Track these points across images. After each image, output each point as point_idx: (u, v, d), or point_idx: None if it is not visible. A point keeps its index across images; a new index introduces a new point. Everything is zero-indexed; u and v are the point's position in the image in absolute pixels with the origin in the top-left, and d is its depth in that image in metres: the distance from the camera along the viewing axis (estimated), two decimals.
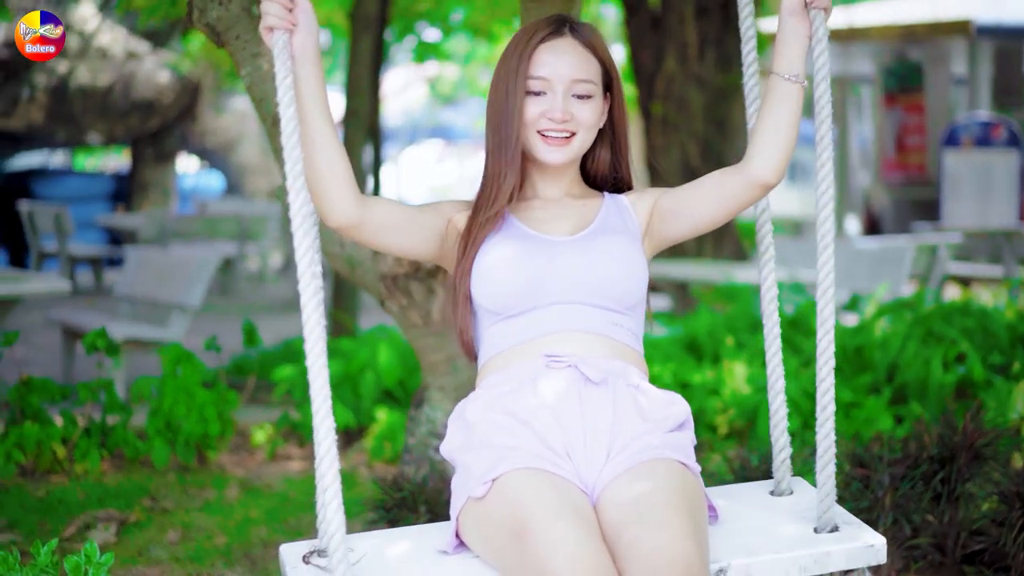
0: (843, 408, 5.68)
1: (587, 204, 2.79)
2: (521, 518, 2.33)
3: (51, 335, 10.55)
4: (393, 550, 2.69)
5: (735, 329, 6.60)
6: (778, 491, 2.98)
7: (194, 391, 5.87)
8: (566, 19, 2.72)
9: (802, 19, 2.56)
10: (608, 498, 2.44)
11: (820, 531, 2.70)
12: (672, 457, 2.52)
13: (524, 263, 2.63)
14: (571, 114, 2.66)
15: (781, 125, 2.58)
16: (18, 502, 5.14)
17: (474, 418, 2.61)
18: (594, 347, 2.61)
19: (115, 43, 17.35)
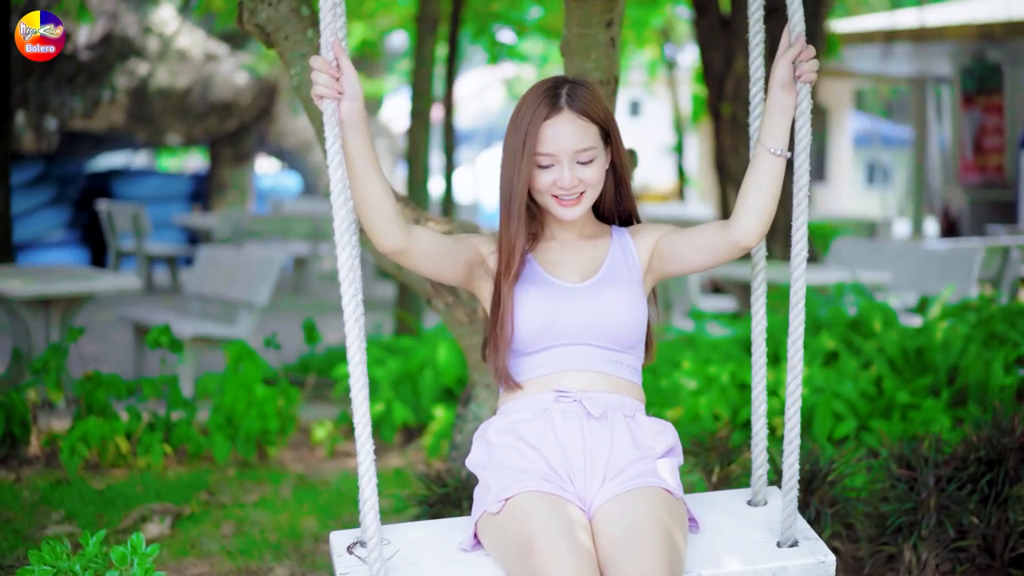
0: (900, 410, 5.64)
1: (597, 245, 3.11)
2: (528, 536, 2.70)
3: (124, 332, 10.73)
4: (422, 543, 2.99)
5: None
6: (755, 501, 3.23)
7: (254, 388, 5.96)
8: (561, 90, 2.95)
9: (790, 92, 2.82)
10: (601, 518, 2.82)
11: (782, 545, 2.99)
12: (658, 485, 2.86)
13: (542, 309, 2.98)
14: (578, 179, 2.95)
15: (764, 193, 2.85)
16: (78, 495, 5.24)
17: (495, 440, 2.99)
18: (597, 383, 2.98)
19: (194, 45, 17.58)
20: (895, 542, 4.01)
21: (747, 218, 2.86)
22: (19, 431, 5.89)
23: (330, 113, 2.67)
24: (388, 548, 2.92)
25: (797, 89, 2.81)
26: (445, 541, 3.01)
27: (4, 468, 5.74)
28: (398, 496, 4.96)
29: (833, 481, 4.01)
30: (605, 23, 3.66)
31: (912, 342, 6.12)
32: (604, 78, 3.79)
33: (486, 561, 2.89)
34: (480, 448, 3.03)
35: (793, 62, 2.81)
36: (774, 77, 2.82)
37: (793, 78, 2.80)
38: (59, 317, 7.60)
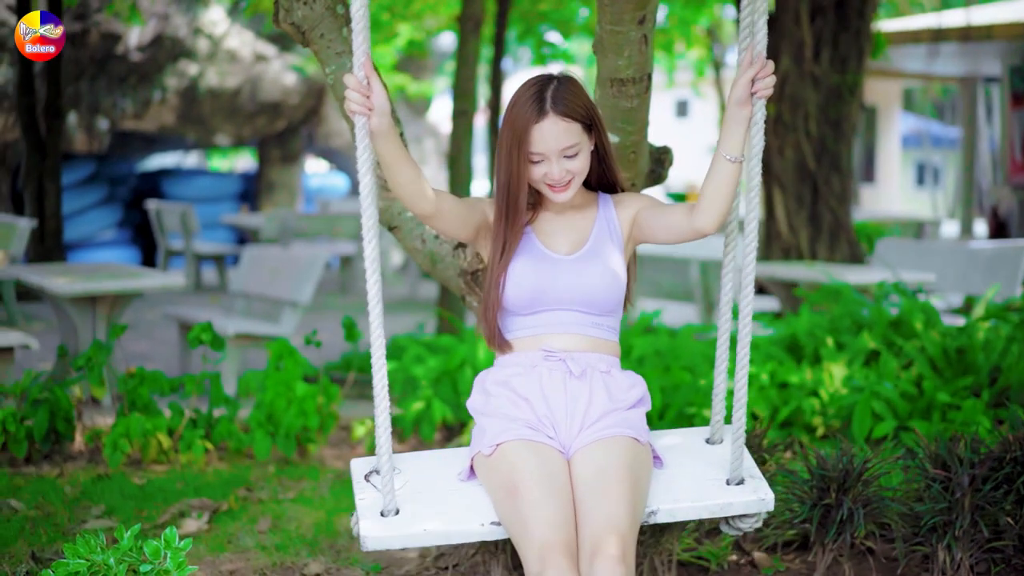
0: (940, 410, 5.61)
1: (585, 216, 3.54)
2: (514, 480, 3.18)
3: (171, 330, 10.82)
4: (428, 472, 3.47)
5: (837, 330, 6.54)
6: (712, 440, 3.65)
7: (295, 385, 6.00)
8: (546, 93, 3.33)
9: (746, 106, 3.15)
10: (577, 462, 3.29)
11: (731, 483, 3.40)
12: (626, 434, 3.32)
13: (535, 278, 3.43)
14: (566, 170, 3.37)
15: (721, 192, 3.26)
16: (119, 490, 5.29)
17: (491, 390, 3.46)
18: (580, 344, 3.45)
19: (243, 46, 17.69)
20: (929, 542, 3.98)
21: (707, 211, 3.28)
22: (63, 427, 5.95)
23: (361, 126, 3.04)
24: (399, 477, 3.38)
25: (753, 103, 3.14)
26: (448, 470, 3.46)
27: (48, 463, 5.81)
28: None
29: (867, 481, 3.99)
30: (638, 20, 3.66)
31: (954, 342, 6.08)
32: (637, 75, 3.79)
33: (480, 491, 3.36)
34: (479, 395, 3.49)
35: (753, 80, 3.13)
36: (732, 93, 3.15)
37: (750, 95, 3.13)
38: (105, 315, 7.68)
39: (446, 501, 3.34)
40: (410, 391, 6.68)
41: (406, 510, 3.27)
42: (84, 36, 15.90)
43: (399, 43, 14.98)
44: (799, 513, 4.01)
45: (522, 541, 3.11)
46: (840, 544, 3.99)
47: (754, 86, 3.12)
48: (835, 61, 10.30)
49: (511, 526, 3.17)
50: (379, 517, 3.24)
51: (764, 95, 3.12)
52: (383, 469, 3.20)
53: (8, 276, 10.08)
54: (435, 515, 3.27)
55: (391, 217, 4.21)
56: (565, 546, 3.07)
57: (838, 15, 10.22)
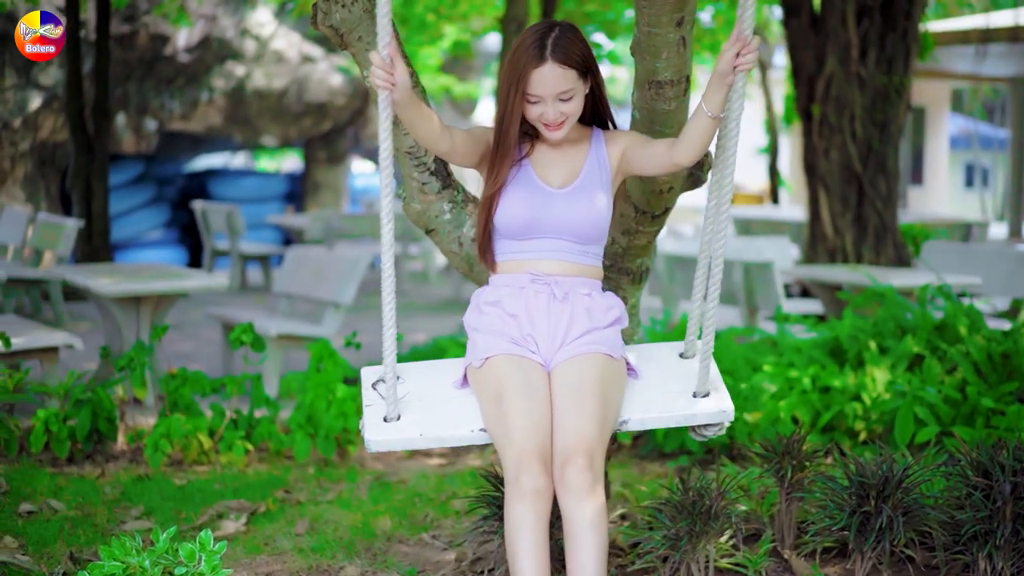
0: (984, 415, 5.54)
1: (579, 150, 3.82)
2: (499, 390, 3.53)
3: (214, 330, 10.86)
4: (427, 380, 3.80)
5: (880, 334, 6.47)
6: (685, 355, 3.90)
7: (335, 387, 6.00)
8: (547, 40, 3.61)
9: (728, 77, 3.38)
10: (555, 376, 3.62)
11: (697, 396, 3.68)
12: (600, 351, 3.64)
13: (528, 207, 3.73)
14: (560, 112, 3.66)
15: (699, 139, 3.54)
16: (159, 490, 5.31)
17: (483, 308, 3.78)
18: (566, 269, 3.76)
19: (290, 47, 17.75)
20: (970, 551, 3.93)
21: (685, 150, 3.56)
22: (105, 427, 5.99)
23: (384, 98, 3.37)
24: (403, 386, 3.70)
25: (735, 75, 3.37)
26: (446, 378, 3.78)
27: (90, 463, 5.84)
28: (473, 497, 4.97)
29: (908, 488, 3.94)
30: (675, 22, 3.63)
31: (999, 347, 6.00)
32: (675, 77, 3.76)
33: (472, 399, 3.68)
34: (473, 311, 3.81)
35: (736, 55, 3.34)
36: (718, 65, 3.37)
37: (732, 68, 3.35)
38: (149, 315, 7.72)
39: (442, 408, 3.67)
40: None
41: (406, 416, 3.62)
42: (132, 37, 16.02)
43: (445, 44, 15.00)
44: (838, 520, 3.97)
45: (503, 446, 3.46)
46: (879, 552, 3.94)
47: (737, 60, 3.34)
48: (881, 62, 10.22)
49: (494, 432, 3.52)
50: (382, 423, 3.59)
51: (743, 69, 3.37)
52: (387, 379, 3.54)
53: (55, 276, 10.16)
54: (431, 421, 3.61)
55: (428, 220, 4.20)
56: (539, 452, 3.42)
57: (885, 16, 10.13)
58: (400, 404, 3.64)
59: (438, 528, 4.87)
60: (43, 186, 15.76)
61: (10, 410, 5.97)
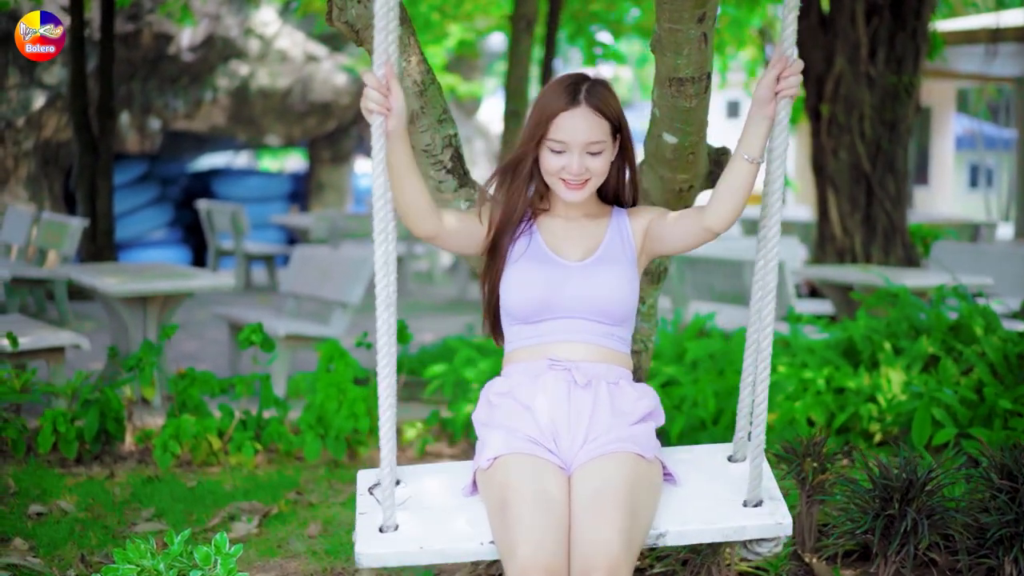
0: (1002, 417, 5.49)
1: (598, 225, 3.42)
2: (506, 498, 3.01)
3: (221, 330, 10.82)
4: (433, 487, 3.32)
5: (894, 335, 6.42)
6: (734, 458, 3.40)
7: (346, 387, 5.96)
8: (582, 86, 3.25)
9: (769, 105, 3.01)
10: (576, 479, 3.11)
11: (748, 504, 3.17)
12: (630, 450, 3.13)
13: (543, 285, 3.30)
14: (585, 168, 3.26)
15: (735, 192, 3.13)
16: (169, 492, 5.27)
17: (494, 400, 3.32)
18: (588, 353, 3.30)
19: (294, 46, 17.71)
20: (995, 555, 3.88)
21: (719, 211, 3.15)
22: (113, 427, 5.94)
23: (378, 126, 2.95)
24: (404, 491, 3.25)
25: (777, 102, 3.01)
26: (454, 484, 3.30)
27: (98, 464, 5.79)
28: None
29: (931, 491, 3.89)
30: (697, 18, 3.57)
31: (1015, 348, 5.96)
32: (696, 75, 3.71)
33: (482, 507, 3.18)
34: (483, 406, 3.35)
35: (778, 78, 2.99)
36: (756, 91, 3.03)
37: (773, 94, 2.99)
38: (156, 315, 7.68)
39: (447, 517, 3.20)
40: (461, 394, 6.62)
41: (406, 526, 3.15)
42: (136, 36, 15.97)
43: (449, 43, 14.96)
44: (861, 523, 3.92)
45: (506, 560, 2.96)
46: (903, 556, 3.89)
47: (778, 84, 2.99)
48: (891, 61, 10.17)
49: (499, 544, 3.02)
50: (377, 533, 3.14)
51: (788, 95, 2.99)
52: (384, 482, 3.07)
53: (60, 276, 10.12)
54: (434, 532, 3.14)
55: None
56: (548, 570, 2.89)
57: (894, 15, 10.08)
58: (399, 512, 3.17)
59: None
60: (46, 185, 15.71)
61: (17, 410, 5.93)
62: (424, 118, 3.95)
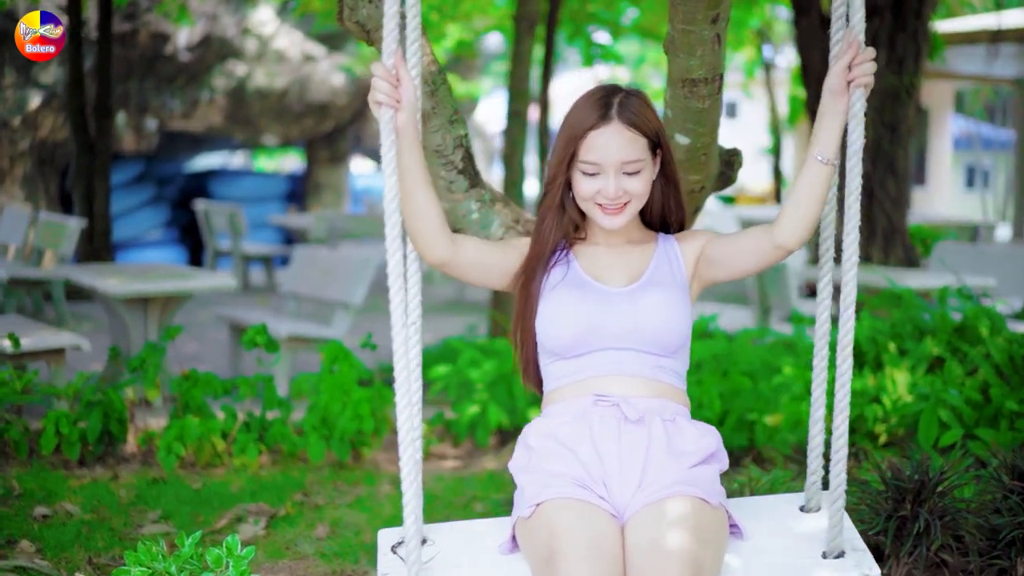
0: (1008, 418, 5.48)
1: (643, 251, 3.09)
2: (552, 547, 2.65)
3: (221, 331, 10.79)
4: (464, 544, 2.97)
5: (898, 336, 6.41)
6: (807, 507, 3.11)
7: (350, 388, 5.94)
8: (613, 99, 2.94)
9: (842, 96, 2.77)
10: (631, 528, 2.74)
11: (828, 556, 2.87)
12: (692, 495, 2.76)
13: (583, 312, 2.95)
14: (623, 190, 2.93)
15: (810, 200, 2.84)
16: (174, 494, 5.25)
17: (534, 444, 2.96)
18: (638, 388, 2.94)
19: (292, 46, 17.69)
20: (1007, 556, 3.87)
21: (792, 223, 2.86)
22: (116, 429, 5.92)
23: (387, 121, 2.73)
24: (430, 548, 2.93)
25: (851, 93, 2.76)
26: (486, 541, 2.97)
27: (102, 466, 5.77)
28: (494, 500, 4.92)
29: (943, 492, 3.88)
30: (711, 19, 3.56)
31: (1020, 349, 5.94)
32: (709, 76, 3.69)
33: (523, 567, 2.85)
34: (521, 452, 3.01)
35: (848, 67, 2.76)
36: (827, 82, 2.79)
37: (845, 83, 2.76)
38: (157, 316, 7.66)
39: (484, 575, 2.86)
40: (465, 394, 6.61)
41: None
42: (133, 36, 15.94)
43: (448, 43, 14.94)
44: (872, 524, 3.91)
45: None
46: (916, 557, 3.88)
47: (851, 73, 2.74)
48: (892, 62, 10.15)
49: None
50: None
51: (862, 83, 2.74)
52: (409, 541, 2.75)
53: (58, 276, 10.08)
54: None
55: (455, 220, 4.12)
56: None
57: (895, 15, 10.07)
58: (425, 572, 2.83)
59: None
60: (42, 185, 15.68)
61: (18, 412, 5.90)
62: (435, 118, 3.93)
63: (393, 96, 2.74)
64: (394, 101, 2.74)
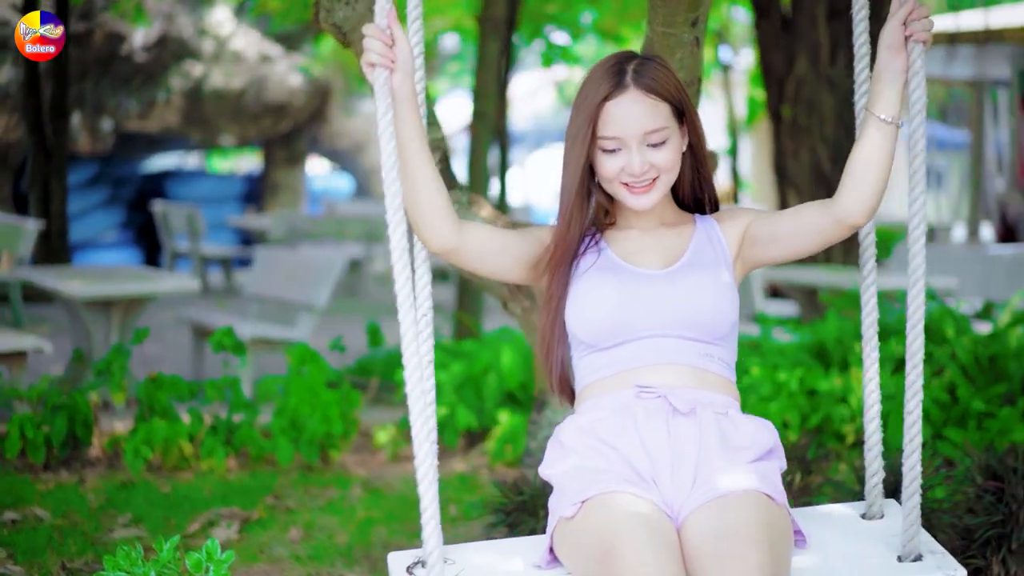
0: (976, 418, 5.53)
1: (680, 232, 2.84)
2: (609, 540, 2.40)
3: (182, 333, 10.72)
4: (490, 563, 2.73)
5: None
6: (869, 514, 2.97)
7: (319, 391, 5.91)
8: (627, 66, 2.71)
9: (900, 53, 2.59)
10: (690, 527, 2.49)
11: (904, 560, 2.70)
12: (757, 489, 2.54)
13: (617, 297, 2.71)
14: (649, 164, 2.68)
15: (874, 166, 2.63)
16: (144, 497, 5.21)
17: (569, 442, 2.70)
18: (685, 378, 2.68)
19: (249, 46, 17.62)
20: (983, 556, 3.90)
21: (856, 194, 2.63)
22: (82, 432, 5.86)
23: (382, 83, 2.50)
24: (451, 568, 2.66)
25: (909, 50, 2.59)
26: (515, 560, 2.72)
27: (67, 470, 5.72)
28: (468, 502, 4.91)
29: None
30: (690, 22, 3.57)
31: (984, 349, 5.99)
32: (688, 78, 3.70)
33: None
34: (554, 452, 2.74)
35: (904, 22, 2.58)
36: (883, 39, 2.59)
37: (903, 39, 2.58)
38: (120, 318, 7.61)
39: None
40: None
41: None
42: (89, 36, 15.84)
43: None
44: None
45: None
46: None
47: (908, 29, 2.57)
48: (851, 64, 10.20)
49: None
50: None
51: (921, 38, 2.57)
52: (430, 561, 2.51)
53: (17, 278, 9.99)
54: None
55: None
56: None
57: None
58: None
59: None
60: None
61: None
62: None
63: (388, 56, 2.51)
64: (388, 61, 2.51)
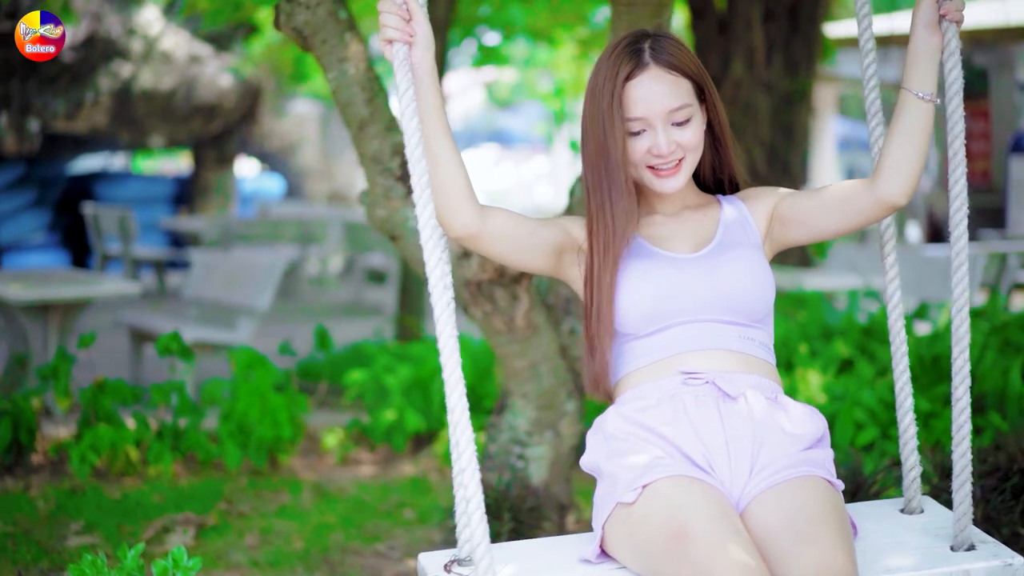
0: (921, 418, 5.61)
1: (706, 215, 2.80)
2: (680, 520, 2.36)
3: (118, 337, 10.60)
4: (533, 560, 2.67)
5: (808, 337, 6.52)
6: (908, 509, 2.95)
7: (267, 395, 5.88)
8: (644, 44, 2.69)
9: (935, 32, 2.57)
10: (755, 513, 2.47)
11: (957, 549, 2.69)
12: (818, 474, 2.53)
13: (654, 284, 2.66)
14: (675, 143, 2.65)
15: (912, 144, 2.58)
16: (95, 504, 5.16)
17: (615, 431, 2.63)
18: (728, 363, 2.63)
19: (178, 47, 17.44)
20: None
21: (895, 172, 2.58)
22: (26, 438, 5.79)
23: (401, 59, 2.45)
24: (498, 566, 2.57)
25: (944, 29, 2.57)
26: (558, 557, 2.67)
27: (11, 476, 5.65)
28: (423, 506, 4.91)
29: (877, 492, 3.96)
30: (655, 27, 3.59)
31: (927, 350, 6.08)
32: None
33: (618, 574, 2.56)
34: (597, 444, 2.68)
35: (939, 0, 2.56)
36: (917, 17, 2.57)
37: (938, 18, 2.56)
38: (58, 322, 7.50)
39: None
40: (381, 400, 6.57)
41: None
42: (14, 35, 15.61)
43: None
44: None
45: None
46: None
47: (942, 8, 2.54)
48: (787, 66, 10.32)
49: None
50: None
51: (955, 17, 2.55)
52: (477, 557, 2.40)
53: None
54: None
55: (393, 227, 4.10)
56: None
57: (790, 20, 10.24)
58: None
59: (391, 538, 4.79)
60: None
61: None
62: (373, 125, 3.93)
63: (406, 30, 2.45)
64: (407, 36, 2.45)
